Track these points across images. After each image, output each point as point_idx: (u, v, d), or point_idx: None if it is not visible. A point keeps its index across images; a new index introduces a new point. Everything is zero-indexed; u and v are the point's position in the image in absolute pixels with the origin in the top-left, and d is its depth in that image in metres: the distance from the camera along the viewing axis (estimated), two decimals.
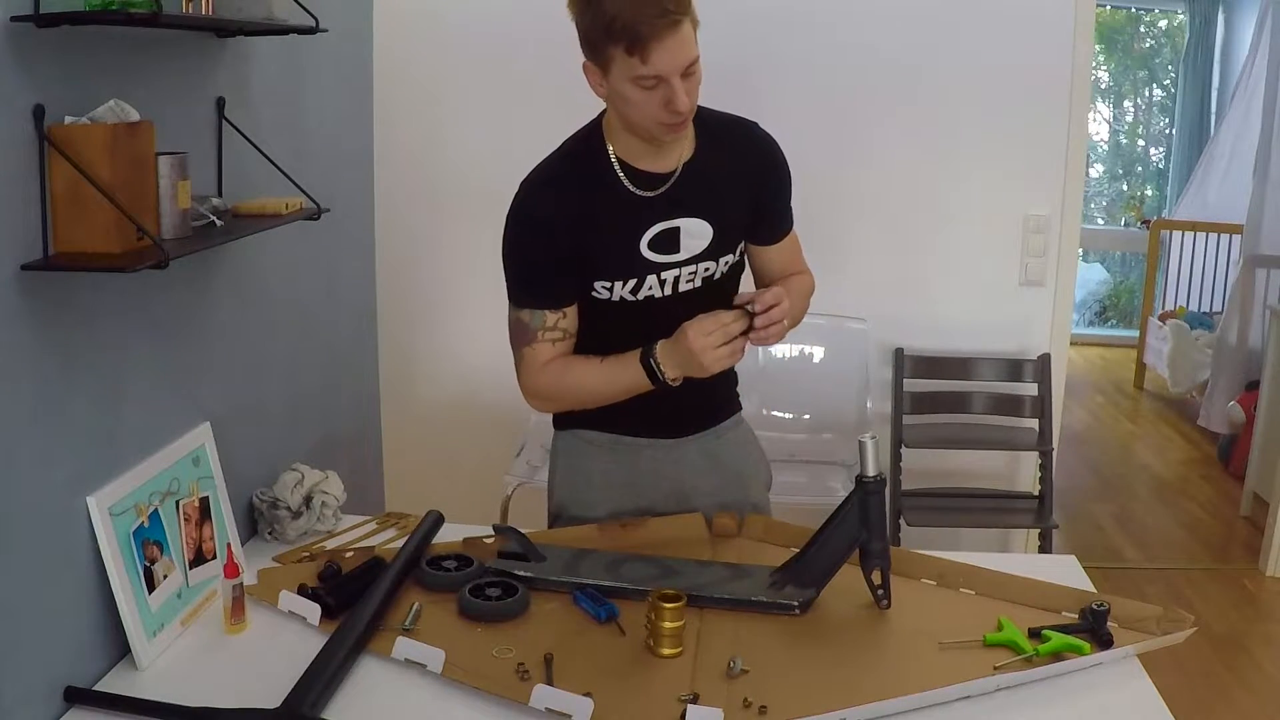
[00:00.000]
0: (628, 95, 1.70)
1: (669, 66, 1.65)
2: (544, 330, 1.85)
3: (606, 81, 1.72)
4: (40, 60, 1.45)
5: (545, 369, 1.87)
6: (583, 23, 1.69)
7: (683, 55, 1.67)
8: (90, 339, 1.61)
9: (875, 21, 3.07)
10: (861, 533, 1.76)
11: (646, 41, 1.63)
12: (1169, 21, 7.88)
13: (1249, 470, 4.55)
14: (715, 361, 1.74)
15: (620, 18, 1.62)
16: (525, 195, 1.85)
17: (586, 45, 1.71)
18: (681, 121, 1.73)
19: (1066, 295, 3.21)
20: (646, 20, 1.62)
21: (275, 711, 1.48)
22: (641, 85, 1.68)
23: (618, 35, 1.63)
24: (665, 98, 1.68)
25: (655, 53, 1.64)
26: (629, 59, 1.65)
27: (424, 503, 2.22)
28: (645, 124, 1.73)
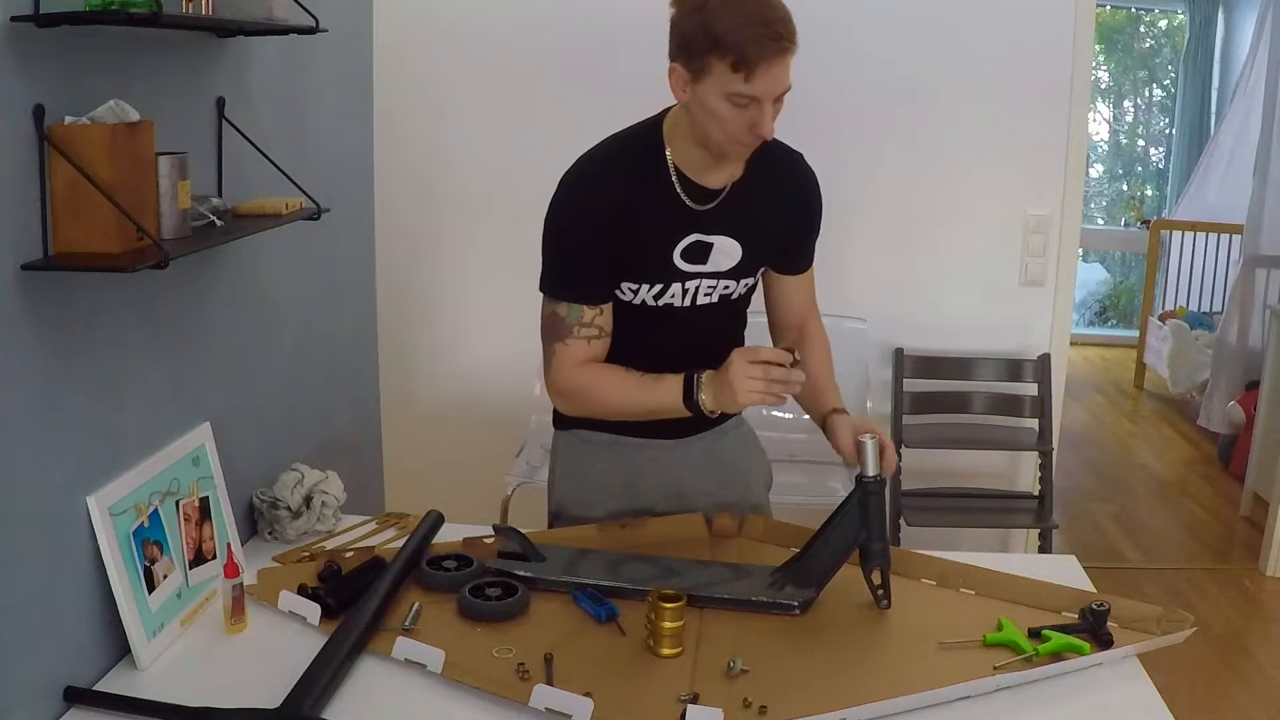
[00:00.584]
0: (715, 109, 1.67)
1: (768, 90, 1.64)
2: (580, 326, 1.81)
3: (693, 88, 1.68)
4: (40, 60, 1.45)
5: (579, 370, 1.83)
6: (687, 25, 1.65)
7: (782, 82, 1.66)
8: (90, 339, 1.61)
9: (875, 21, 3.07)
10: (861, 533, 1.76)
11: (754, 62, 1.61)
12: (1169, 21, 7.88)
13: (1249, 470, 4.55)
14: (749, 394, 1.69)
15: (734, 33, 1.59)
16: (576, 184, 1.82)
17: (684, 48, 1.67)
18: (758, 145, 1.72)
19: (1066, 295, 3.21)
20: (760, 41, 1.60)
21: (275, 711, 1.48)
22: (734, 102, 1.65)
23: (726, 49, 1.61)
24: (753, 120, 1.67)
25: (760, 74, 1.62)
26: (731, 74, 1.62)
27: (424, 503, 2.22)
28: (723, 140, 1.71)
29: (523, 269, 3.21)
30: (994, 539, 3.33)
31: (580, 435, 2.02)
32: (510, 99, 3.15)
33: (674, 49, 1.69)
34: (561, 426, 2.06)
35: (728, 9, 1.60)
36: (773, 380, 1.69)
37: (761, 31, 1.60)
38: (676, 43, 1.68)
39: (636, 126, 1.86)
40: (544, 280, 1.85)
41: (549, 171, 3.17)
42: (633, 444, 1.98)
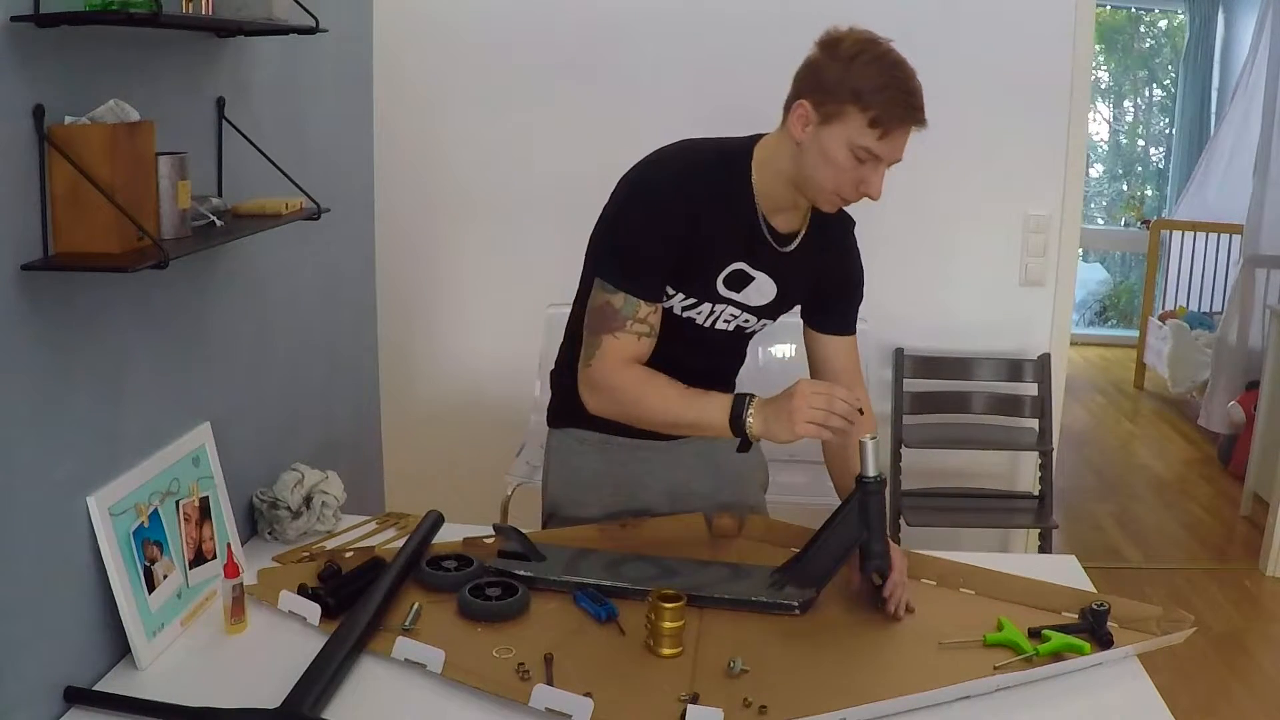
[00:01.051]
0: (835, 156, 1.68)
1: (891, 153, 1.68)
2: (634, 320, 1.77)
3: (818, 130, 1.69)
4: (40, 60, 1.45)
5: (624, 368, 1.78)
6: (832, 70, 1.67)
7: (901, 151, 1.71)
8: (90, 339, 1.61)
9: (875, 21, 3.06)
10: (862, 533, 1.76)
11: (891, 124, 1.65)
12: (1169, 21, 7.88)
13: (1249, 470, 4.55)
14: (805, 424, 1.66)
15: (880, 92, 1.64)
16: (661, 177, 1.78)
17: (822, 90, 1.68)
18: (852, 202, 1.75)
19: (1066, 295, 3.21)
20: (902, 106, 1.65)
21: (275, 711, 1.48)
22: (856, 154, 1.67)
23: (868, 104, 1.64)
24: (864, 177, 1.69)
25: (892, 137, 1.66)
26: (866, 128, 1.65)
27: (424, 503, 2.22)
28: (825, 187, 1.72)
29: (523, 268, 3.24)
30: (994, 539, 3.33)
31: (573, 434, 2.02)
32: (510, 99, 3.16)
33: (807, 87, 1.71)
34: (555, 425, 2.06)
35: (878, 68, 1.66)
36: (834, 414, 1.67)
37: (905, 99, 1.66)
38: (813, 83, 1.70)
39: (726, 143, 1.83)
40: (602, 266, 1.80)
41: (549, 171, 3.20)
42: (625, 444, 1.97)
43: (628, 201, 1.80)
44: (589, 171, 3.16)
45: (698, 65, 3.10)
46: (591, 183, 3.14)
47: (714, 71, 3.11)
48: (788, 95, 1.77)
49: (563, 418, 2.04)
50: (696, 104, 3.11)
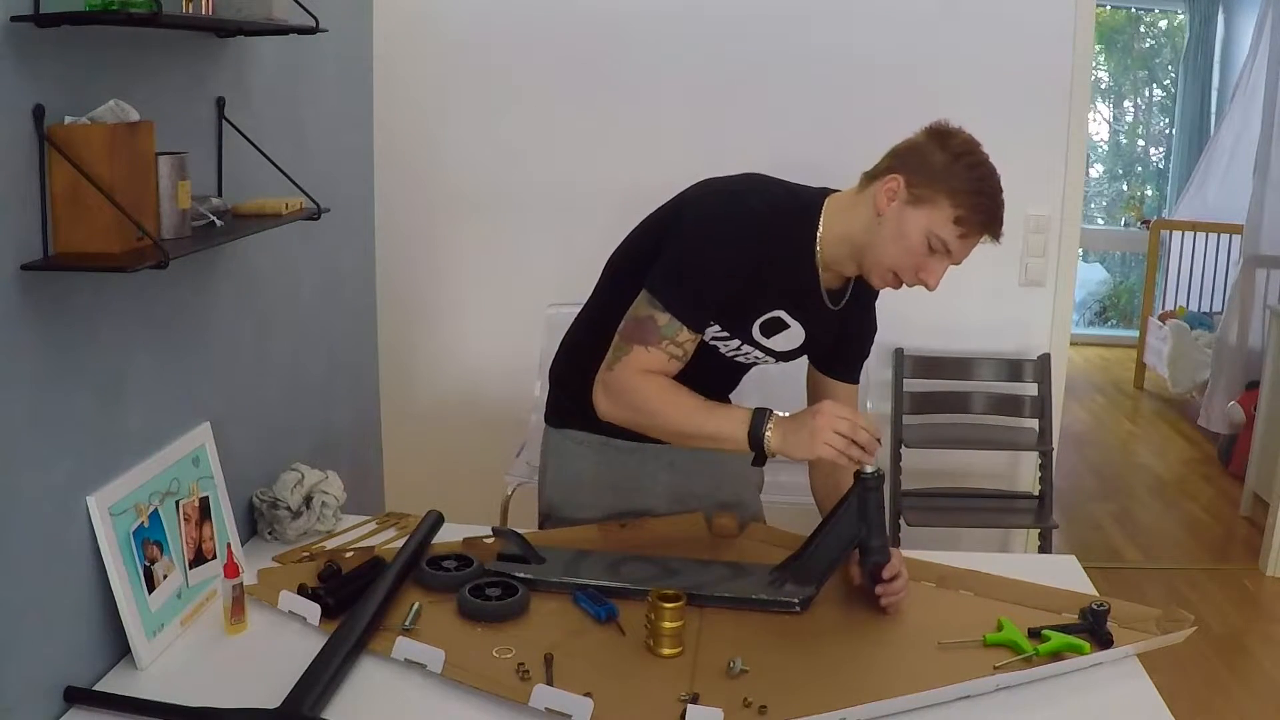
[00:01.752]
0: (909, 237, 1.70)
1: (961, 253, 1.72)
2: (671, 343, 1.75)
3: (903, 207, 1.70)
4: (40, 60, 1.45)
5: (646, 377, 1.76)
6: (936, 159, 1.70)
7: (968, 254, 1.75)
8: (90, 339, 1.61)
9: (875, 22, 3.07)
10: (861, 529, 1.76)
11: (975, 228, 1.70)
12: (1169, 21, 7.88)
13: (1249, 470, 4.55)
14: (826, 446, 1.67)
15: (974, 196, 1.68)
16: (744, 219, 1.76)
17: (919, 172, 1.70)
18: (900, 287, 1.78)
19: (1066, 295, 3.21)
20: (989, 216, 1.71)
21: (275, 711, 1.48)
22: (930, 242, 1.69)
23: (959, 202, 1.68)
24: (926, 265, 1.71)
25: (969, 240, 1.71)
26: (950, 223, 1.68)
27: (424, 503, 2.22)
28: (886, 263, 1.73)
29: (523, 268, 3.24)
30: (994, 539, 3.33)
31: (571, 435, 2.01)
32: (510, 99, 3.16)
33: (906, 166, 1.72)
34: (554, 425, 2.06)
35: (978, 174, 1.70)
36: (855, 442, 1.68)
37: (992, 211, 1.71)
38: (914, 164, 1.72)
39: (798, 192, 1.82)
40: (658, 280, 1.76)
41: (549, 171, 3.20)
42: (625, 447, 1.97)
43: (702, 232, 1.77)
44: (589, 172, 3.18)
45: (697, 67, 3.10)
46: (591, 183, 3.17)
47: (713, 73, 3.11)
48: (877, 166, 1.79)
49: (562, 418, 2.04)
50: (696, 105, 3.12)
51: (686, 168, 3.14)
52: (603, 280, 1.99)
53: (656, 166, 3.12)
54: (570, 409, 2.01)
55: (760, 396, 2.02)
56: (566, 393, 2.02)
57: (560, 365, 2.06)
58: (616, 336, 1.79)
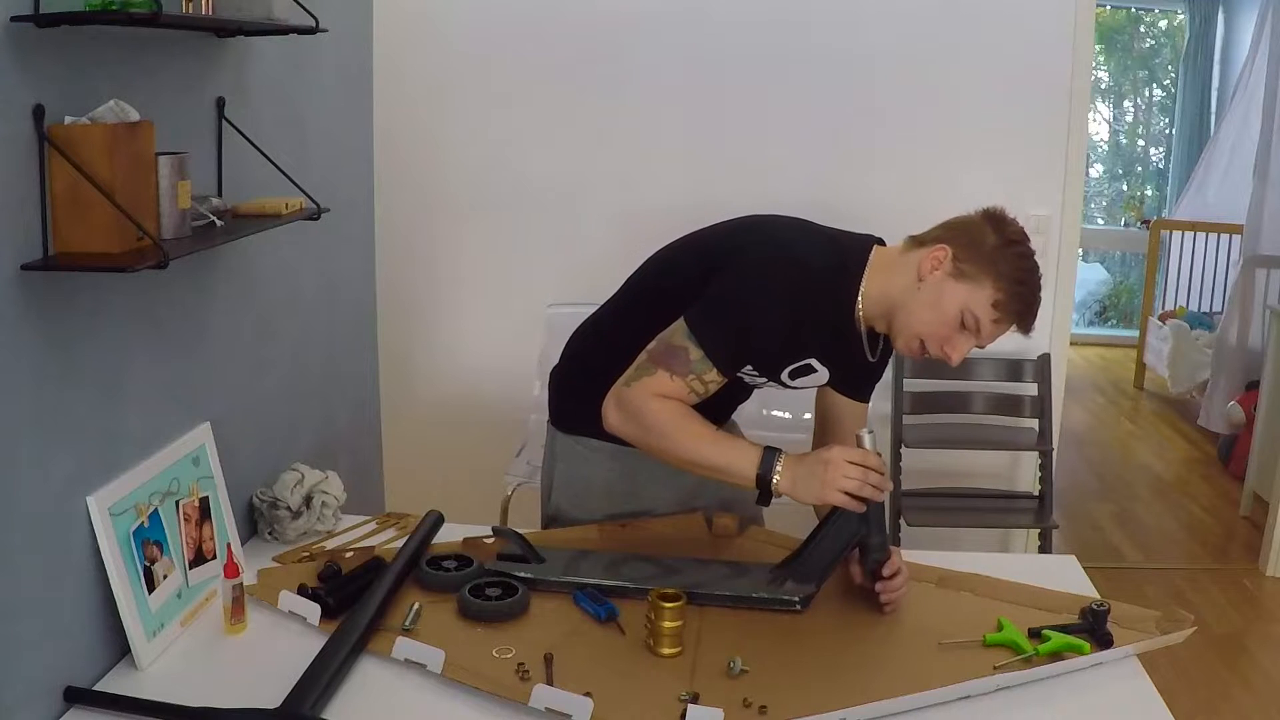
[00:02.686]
0: (946, 308, 1.71)
1: (988, 337, 1.74)
2: (697, 379, 1.76)
3: (946, 279, 1.72)
4: (40, 60, 1.45)
5: (663, 401, 1.76)
6: (988, 240, 1.72)
7: (994, 340, 1.77)
8: (90, 339, 1.61)
9: (875, 22, 3.07)
10: (861, 528, 1.76)
11: (1010, 317, 1.72)
12: (1169, 21, 7.87)
13: (1249, 470, 4.55)
14: (837, 494, 1.69)
15: (1017, 286, 1.70)
16: (797, 281, 1.76)
17: (969, 248, 1.72)
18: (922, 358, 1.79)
19: (1066, 295, 3.21)
20: (1027, 307, 1.72)
21: (275, 711, 1.48)
22: (964, 317, 1.71)
23: (1002, 288, 1.70)
24: (954, 343, 1.73)
25: (1002, 326, 1.73)
26: (988, 306, 1.70)
27: (424, 503, 2.22)
28: (916, 330, 1.74)
29: (523, 268, 3.24)
30: (994, 539, 3.33)
31: (584, 442, 2.00)
32: (510, 99, 3.16)
33: (957, 240, 1.74)
34: (564, 430, 2.04)
35: (1025, 266, 1.71)
36: (868, 484, 1.70)
37: (1030, 304, 1.72)
38: (965, 240, 1.73)
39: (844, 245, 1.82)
40: (701, 317, 1.76)
41: (549, 171, 3.20)
42: (635, 454, 1.93)
43: (753, 285, 1.77)
44: (588, 172, 3.18)
45: (697, 68, 3.10)
46: (591, 183, 3.17)
47: (713, 74, 3.11)
48: (927, 233, 1.80)
49: (572, 424, 2.02)
50: (695, 106, 3.12)
51: (686, 169, 3.16)
52: (628, 291, 1.98)
53: (655, 167, 3.13)
54: (583, 415, 1.96)
55: (760, 397, 2.03)
56: (577, 399, 1.99)
57: (570, 372, 2.05)
58: (644, 354, 1.79)
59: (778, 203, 1.97)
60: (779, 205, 1.96)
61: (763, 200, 1.95)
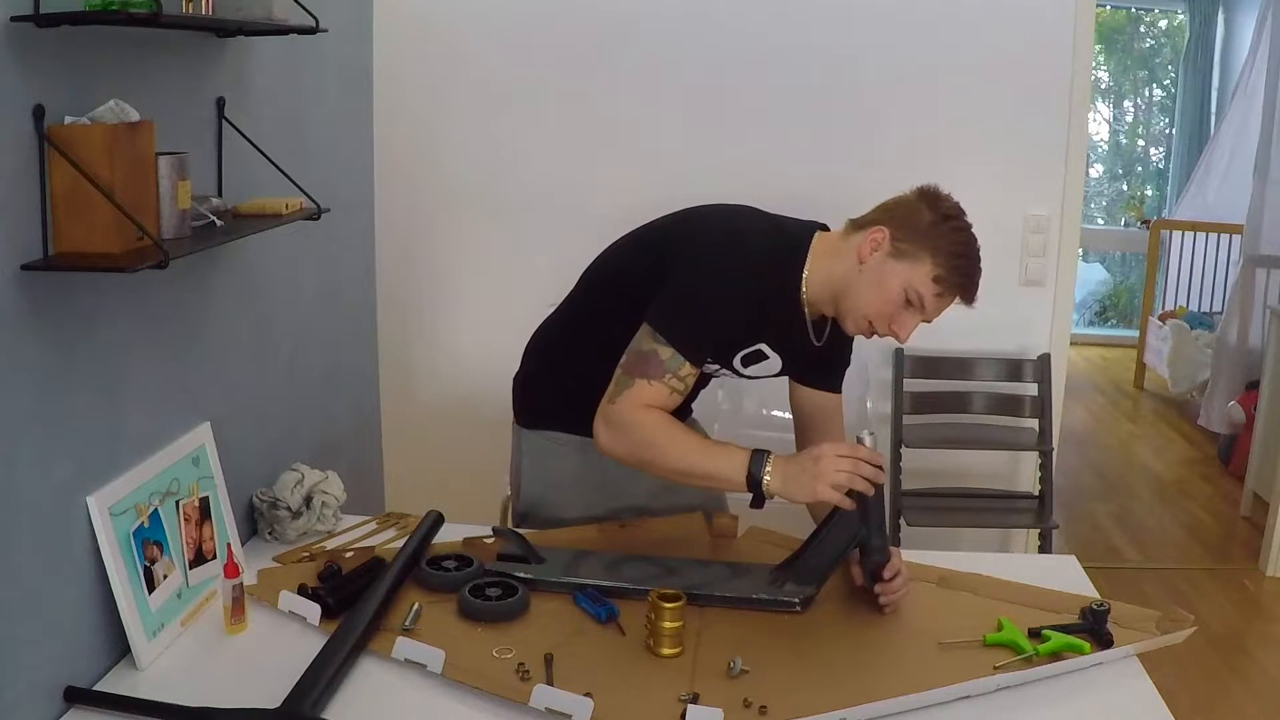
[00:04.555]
0: (888, 290, 1.73)
1: (933, 312, 1.77)
2: (673, 376, 1.77)
3: (885, 259, 1.73)
4: (40, 60, 1.45)
5: (648, 411, 1.78)
6: (924, 218, 1.73)
7: (939, 314, 1.79)
8: (90, 339, 1.61)
9: (875, 22, 3.07)
10: (861, 528, 1.76)
11: (952, 290, 1.74)
12: (1169, 21, 7.88)
13: (1249, 470, 4.55)
14: (828, 489, 1.69)
15: (956, 259, 1.72)
16: (746, 263, 1.78)
17: (906, 228, 1.73)
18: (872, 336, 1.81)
19: (1066, 295, 3.21)
20: (968, 279, 1.74)
21: (275, 711, 1.48)
22: (907, 294, 1.72)
23: (941, 262, 1.71)
24: (900, 320, 1.75)
25: (945, 300, 1.75)
26: (929, 281, 1.72)
27: (424, 503, 2.22)
28: (863, 311, 1.76)
29: (523, 268, 3.24)
30: (994, 539, 3.33)
31: (551, 436, 2.03)
32: (510, 99, 3.15)
33: (892, 219, 1.75)
34: (529, 426, 2.07)
35: (962, 239, 1.73)
36: (859, 475, 1.70)
37: (970, 276, 1.75)
38: (901, 220, 1.75)
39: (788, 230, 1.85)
40: (662, 316, 1.78)
41: (548, 172, 3.20)
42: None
43: (706, 271, 1.79)
44: (588, 172, 3.18)
45: (696, 68, 3.10)
46: (591, 183, 3.16)
47: (712, 74, 3.10)
48: (865, 216, 1.81)
49: (536, 420, 2.06)
50: (695, 106, 3.12)
51: (685, 169, 3.15)
52: (578, 290, 2.02)
53: (656, 167, 3.13)
54: (549, 411, 2.03)
55: (760, 398, 2.03)
56: (542, 396, 2.06)
57: (532, 372, 2.10)
58: (619, 369, 1.80)
59: (778, 202, 1.97)
60: (780, 204, 1.96)
61: (763, 200, 1.95)
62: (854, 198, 3.13)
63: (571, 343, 2.01)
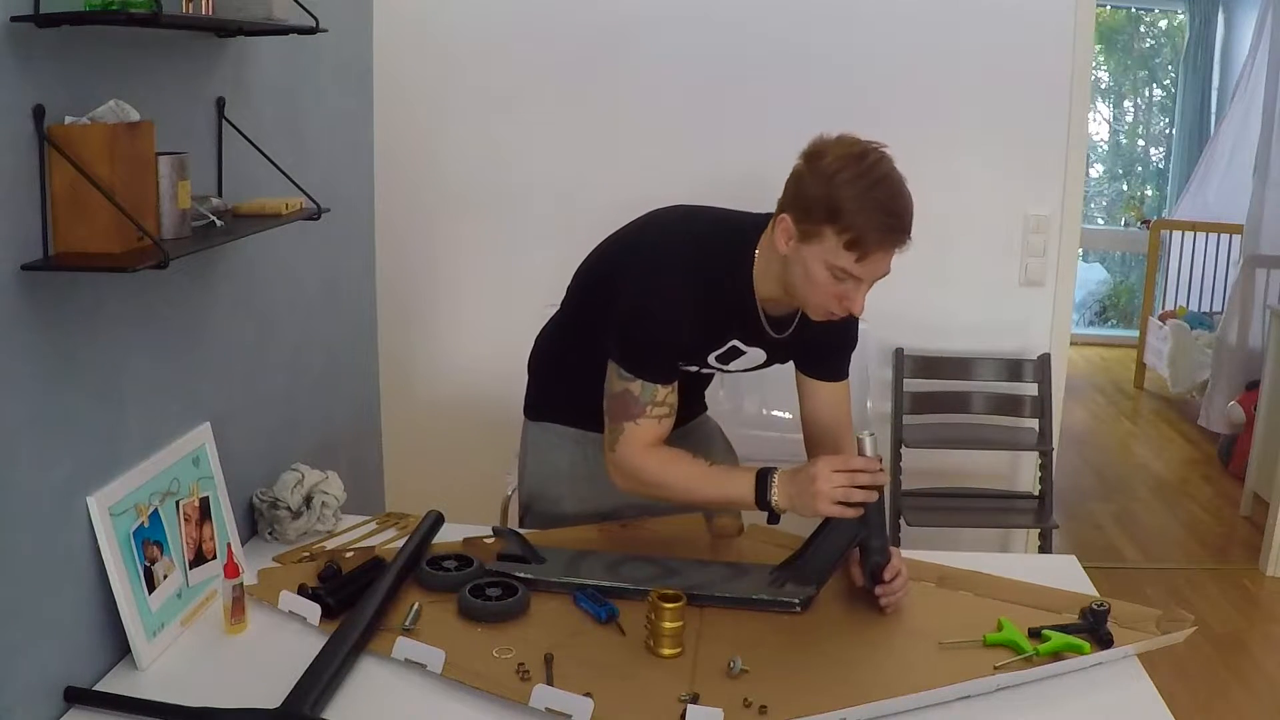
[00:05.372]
0: (813, 273, 1.66)
1: (871, 274, 1.65)
2: (653, 405, 1.80)
3: (798, 246, 1.67)
4: (40, 60, 1.45)
5: (648, 454, 1.81)
6: (812, 189, 1.63)
7: (884, 270, 1.66)
8: (91, 339, 1.61)
9: (875, 21, 3.07)
10: (861, 529, 1.76)
11: (870, 247, 1.61)
12: (1169, 21, 7.87)
13: (1249, 470, 4.55)
14: (827, 505, 1.71)
15: (859, 214, 1.59)
16: (677, 271, 1.77)
17: (801, 209, 1.65)
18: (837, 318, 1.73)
19: (1066, 295, 3.21)
20: (881, 230, 1.60)
21: (275, 711, 1.48)
22: (834, 274, 1.64)
23: (845, 226, 1.60)
24: (845, 293, 1.67)
25: (871, 259, 1.62)
26: (842, 250, 1.61)
27: (424, 503, 2.22)
28: (809, 301, 1.71)
29: (522, 268, 3.24)
30: (994, 539, 3.33)
31: (549, 428, 2.07)
32: (510, 99, 3.15)
33: (789, 202, 1.68)
34: (532, 418, 2.11)
35: (858, 187, 1.59)
36: (856, 488, 1.70)
37: (885, 220, 1.60)
38: (793, 198, 1.67)
39: (731, 224, 1.81)
40: (616, 353, 1.81)
41: (548, 171, 3.20)
42: (599, 439, 1.96)
43: (642, 300, 1.78)
44: (588, 172, 3.18)
45: (696, 67, 3.10)
46: (591, 183, 3.16)
47: (712, 73, 3.10)
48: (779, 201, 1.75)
49: (539, 411, 2.09)
50: (695, 106, 3.11)
51: (685, 168, 3.15)
52: (568, 293, 2.03)
53: (655, 167, 3.12)
54: (545, 403, 2.08)
55: (759, 397, 2.03)
56: (541, 388, 2.11)
57: (535, 361, 2.13)
58: (606, 417, 1.84)
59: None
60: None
61: (763, 200, 1.95)
62: None
63: (565, 342, 2.04)
